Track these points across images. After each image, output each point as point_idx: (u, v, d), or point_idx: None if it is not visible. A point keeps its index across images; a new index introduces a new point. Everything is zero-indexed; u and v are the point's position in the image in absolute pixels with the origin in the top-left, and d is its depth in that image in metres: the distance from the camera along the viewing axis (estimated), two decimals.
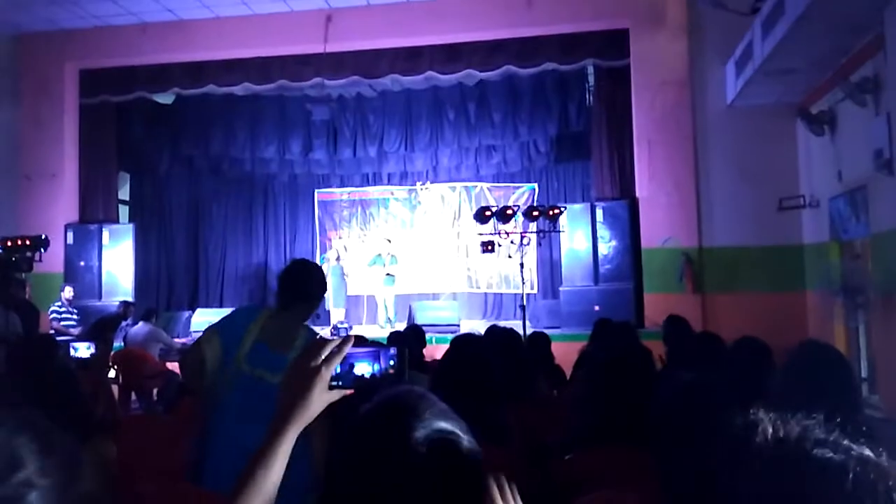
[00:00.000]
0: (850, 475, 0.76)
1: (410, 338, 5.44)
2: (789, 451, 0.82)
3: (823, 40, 6.74)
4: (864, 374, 7.32)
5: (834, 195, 8.06)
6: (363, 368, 1.26)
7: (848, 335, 7.83)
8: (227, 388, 2.84)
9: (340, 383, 1.24)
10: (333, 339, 1.27)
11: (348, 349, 1.26)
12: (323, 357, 1.25)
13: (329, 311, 12.57)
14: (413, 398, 1.02)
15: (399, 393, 1.05)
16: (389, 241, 12.78)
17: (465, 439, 0.99)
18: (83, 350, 5.13)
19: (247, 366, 2.84)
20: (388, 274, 12.37)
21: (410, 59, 10.70)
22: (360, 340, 4.51)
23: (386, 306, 12.41)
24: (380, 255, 12.58)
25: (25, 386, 2.50)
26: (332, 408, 1.25)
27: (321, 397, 1.23)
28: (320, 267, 3.18)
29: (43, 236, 8.42)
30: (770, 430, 0.85)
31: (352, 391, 1.27)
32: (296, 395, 1.24)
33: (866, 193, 7.14)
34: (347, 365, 1.25)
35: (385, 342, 4.46)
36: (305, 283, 3.04)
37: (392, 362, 1.34)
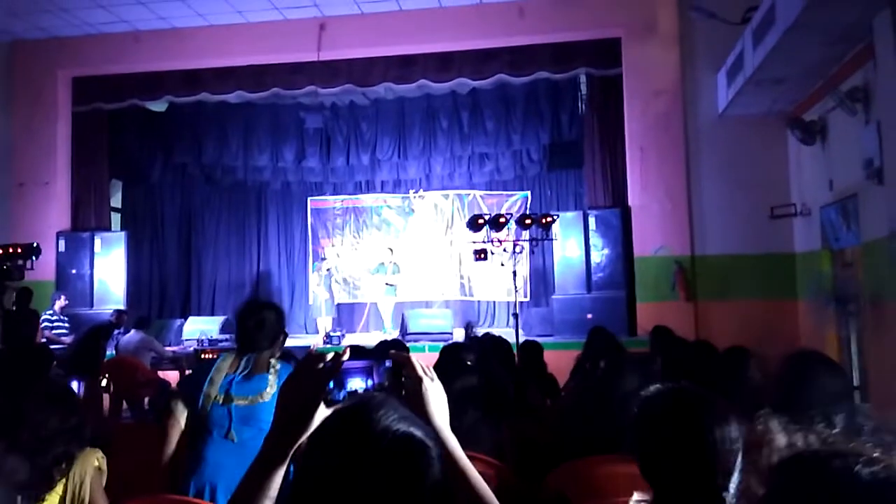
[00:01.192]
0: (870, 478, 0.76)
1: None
2: (808, 462, 0.82)
3: (814, 50, 6.79)
4: (855, 382, 7.33)
5: (825, 204, 8.10)
6: (356, 384, 1.25)
7: (839, 343, 7.85)
8: (206, 419, 2.96)
9: (334, 399, 1.23)
10: (327, 354, 1.26)
11: (342, 363, 1.25)
12: (317, 373, 1.24)
13: (316, 320, 12.58)
14: (373, 404, 1.01)
15: (359, 400, 1.05)
16: (392, 250, 12.77)
17: (428, 442, 0.98)
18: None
19: (220, 397, 2.96)
20: (388, 284, 12.36)
21: (403, 67, 10.72)
22: (357, 350, 4.52)
23: (385, 315, 12.40)
24: (382, 263, 12.56)
25: (20, 397, 2.49)
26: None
27: (316, 414, 1.22)
28: (277, 309, 3.23)
29: (35, 244, 8.37)
30: (784, 441, 0.85)
31: None
32: (291, 411, 1.23)
33: (857, 202, 7.17)
34: (341, 380, 1.24)
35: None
36: (260, 333, 3.09)
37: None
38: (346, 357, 1.26)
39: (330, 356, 1.26)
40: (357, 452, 0.95)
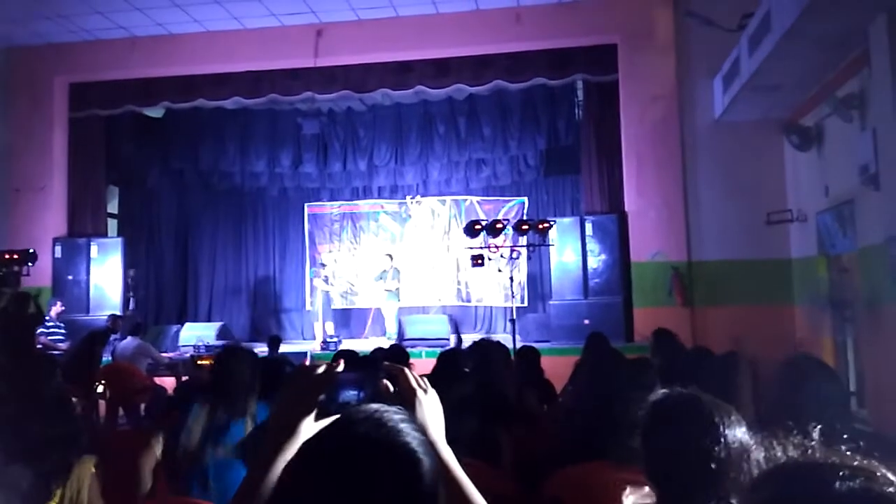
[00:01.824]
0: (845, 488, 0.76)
1: (391, 358, 5.37)
2: (785, 477, 0.82)
3: (809, 56, 6.81)
4: (852, 388, 7.34)
5: (821, 210, 8.12)
6: (349, 395, 1.25)
7: (836, 349, 7.86)
8: (185, 471, 2.97)
9: (327, 410, 1.23)
10: (319, 365, 1.26)
11: (336, 374, 1.25)
12: (310, 384, 1.24)
13: (313, 325, 12.57)
14: (366, 415, 1.02)
15: (353, 411, 1.05)
16: (391, 256, 12.79)
17: (421, 455, 0.98)
18: None
19: (198, 449, 2.97)
20: (387, 290, 12.37)
21: (400, 73, 10.73)
22: (350, 355, 4.49)
23: (389, 320, 12.40)
24: (385, 270, 12.58)
25: (20, 404, 2.48)
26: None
27: (309, 427, 1.22)
28: (251, 356, 3.24)
29: (31, 250, 8.37)
30: (762, 455, 0.85)
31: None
32: (284, 425, 1.23)
33: (853, 208, 7.19)
34: (334, 392, 1.24)
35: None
36: (231, 382, 3.09)
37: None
38: (339, 368, 1.25)
39: (322, 368, 1.26)
40: (346, 463, 0.94)
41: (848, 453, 0.82)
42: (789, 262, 9.27)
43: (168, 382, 8.40)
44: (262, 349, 10.21)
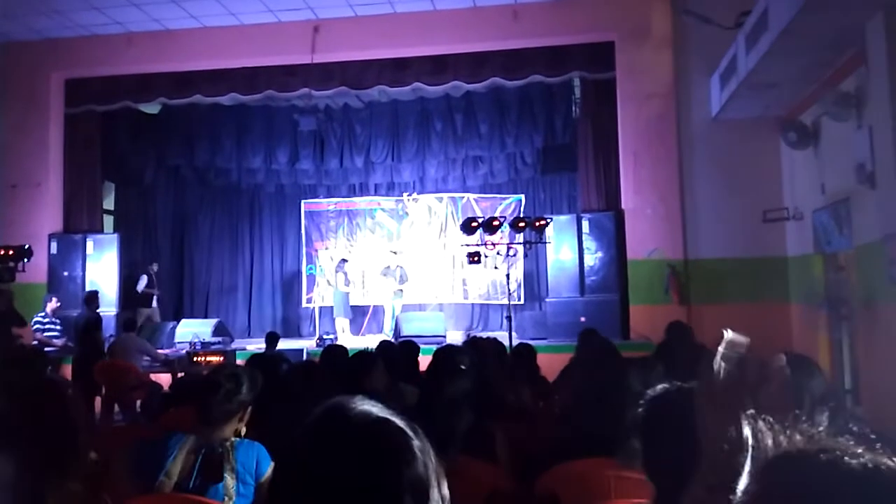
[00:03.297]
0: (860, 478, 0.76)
1: (402, 352, 5.36)
2: (796, 458, 0.81)
3: (806, 54, 6.82)
4: (847, 385, 7.36)
5: (817, 208, 8.12)
6: None
7: (832, 347, 7.88)
8: None
9: None
10: None
11: None
12: None
13: (333, 321, 12.56)
14: (352, 399, 1.01)
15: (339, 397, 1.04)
16: (395, 252, 12.76)
17: (409, 432, 0.97)
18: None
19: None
20: (398, 288, 12.38)
21: (397, 70, 10.72)
22: (341, 350, 4.46)
23: (393, 317, 12.39)
24: (388, 267, 12.54)
25: (13, 400, 2.46)
26: None
27: None
28: (248, 372, 2.86)
29: (26, 246, 8.37)
30: (771, 441, 0.84)
31: None
32: None
33: (849, 206, 7.19)
34: None
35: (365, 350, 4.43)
36: (212, 399, 2.71)
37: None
38: None
39: None
40: (333, 438, 0.93)
41: (851, 442, 0.82)
42: (785, 260, 9.28)
43: (164, 379, 8.38)
44: (259, 345, 10.22)
